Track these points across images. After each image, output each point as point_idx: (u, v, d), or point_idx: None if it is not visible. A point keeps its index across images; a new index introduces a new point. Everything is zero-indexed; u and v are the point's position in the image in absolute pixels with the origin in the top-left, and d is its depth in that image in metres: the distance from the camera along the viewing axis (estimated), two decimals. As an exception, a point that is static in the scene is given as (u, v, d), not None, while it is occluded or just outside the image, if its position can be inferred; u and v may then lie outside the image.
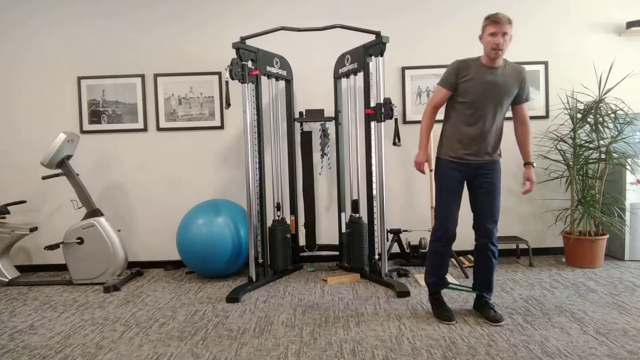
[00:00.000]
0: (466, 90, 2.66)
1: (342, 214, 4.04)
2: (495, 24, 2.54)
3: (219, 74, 4.24)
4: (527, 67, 4.21)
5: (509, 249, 4.33)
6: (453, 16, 4.23)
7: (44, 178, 3.89)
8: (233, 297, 3.28)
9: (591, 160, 3.91)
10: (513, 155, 4.27)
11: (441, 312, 2.82)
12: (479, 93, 2.65)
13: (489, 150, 2.75)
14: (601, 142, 3.88)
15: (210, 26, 4.24)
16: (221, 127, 4.28)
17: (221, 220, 3.70)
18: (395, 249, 4.21)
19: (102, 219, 3.83)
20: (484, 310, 2.82)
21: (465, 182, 2.82)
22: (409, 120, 4.25)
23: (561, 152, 4.07)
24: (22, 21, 4.24)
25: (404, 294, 3.27)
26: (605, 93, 3.92)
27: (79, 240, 3.79)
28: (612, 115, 3.86)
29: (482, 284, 2.86)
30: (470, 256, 4.21)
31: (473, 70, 2.65)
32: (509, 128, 4.34)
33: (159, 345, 2.60)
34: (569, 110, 4.07)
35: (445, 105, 2.81)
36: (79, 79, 4.25)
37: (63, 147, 3.75)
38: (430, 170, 2.75)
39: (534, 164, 2.83)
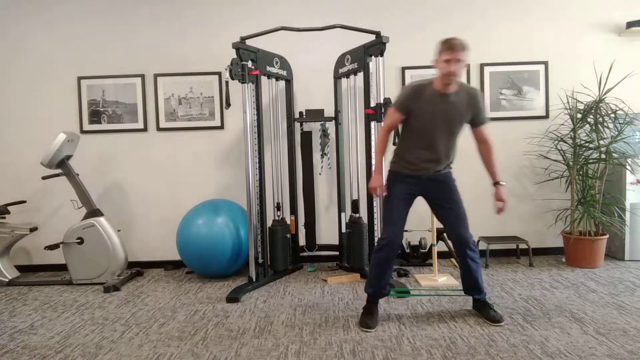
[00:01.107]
0: (418, 116, 2.66)
1: (342, 214, 4.04)
2: (450, 51, 2.51)
3: (219, 74, 4.24)
4: (527, 67, 4.23)
5: (509, 249, 4.33)
6: (453, 16, 4.23)
7: (44, 178, 3.89)
8: (233, 297, 3.28)
9: (591, 160, 3.91)
10: (512, 154, 4.27)
11: (365, 319, 2.76)
12: (430, 120, 2.65)
13: (440, 169, 2.76)
14: (601, 142, 3.88)
15: (210, 26, 4.24)
16: (221, 127, 4.28)
17: (221, 220, 3.70)
18: (395, 249, 4.21)
19: (102, 219, 3.83)
20: (483, 310, 2.82)
21: (418, 196, 2.81)
22: (409, 120, 4.25)
23: (561, 152, 4.07)
24: (21, 21, 4.24)
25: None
26: (605, 93, 3.92)
27: (79, 240, 3.79)
28: (612, 115, 3.86)
29: (471, 288, 2.87)
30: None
31: (426, 97, 2.64)
32: (504, 129, 4.34)
33: (159, 345, 2.60)
34: (569, 110, 4.07)
35: (401, 125, 2.80)
36: (79, 79, 4.25)
37: (63, 147, 3.75)
38: (385, 195, 2.77)
39: (503, 183, 2.81)
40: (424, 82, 2.68)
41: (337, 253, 4.21)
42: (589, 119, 3.91)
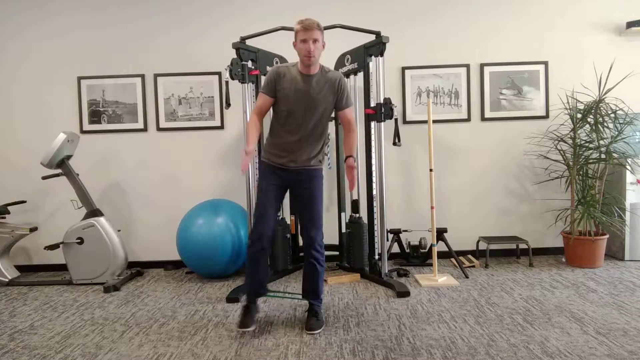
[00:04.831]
0: (283, 98, 2.66)
1: (342, 214, 4.04)
2: (305, 30, 2.54)
3: (219, 74, 4.24)
4: (527, 67, 4.23)
5: (509, 249, 4.33)
6: (453, 16, 4.23)
7: (44, 178, 3.89)
8: (233, 297, 3.28)
9: (591, 160, 3.91)
10: (511, 154, 4.27)
11: (244, 319, 2.69)
12: (294, 102, 2.64)
13: (309, 157, 2.73)
14: (601, 142, 3.88)
15: (211, 26, 4.24)
16: (221, 127, 4.28)
17: (221, 220, 3.70)
18: (395, 249, 4.21)
19: (102, 219, 3.83)
20: (307, 315, 2.79)
21: (286, 188, 2.79)
22: (409, 120, 4.25)
23: (561, 152, 4.07)
24: (23, 22, 4.23)
25: (404, 294, 3.27)
26: (605, 93, 3.92)
27: (79, 240, 3.79)
28: (612, 115, 3.86)
29: (308, 291, 2.82)
30: (470, 256, 4.21)
31: (289, 78, 2.64)
32: (504, 129, 4.34)
33: (159, 345, 2.60)
34: (569, 110, 4.07)
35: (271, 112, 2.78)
36: (79, 79, 4.25)
37: (63, 147, 3.75)
38: (257, 186, 2.81)
39: (353, 157, 2.67)
40: (288, 64, 2.71)
41: (337, 253, 4.20)
42: (589, 119, 3.91)
